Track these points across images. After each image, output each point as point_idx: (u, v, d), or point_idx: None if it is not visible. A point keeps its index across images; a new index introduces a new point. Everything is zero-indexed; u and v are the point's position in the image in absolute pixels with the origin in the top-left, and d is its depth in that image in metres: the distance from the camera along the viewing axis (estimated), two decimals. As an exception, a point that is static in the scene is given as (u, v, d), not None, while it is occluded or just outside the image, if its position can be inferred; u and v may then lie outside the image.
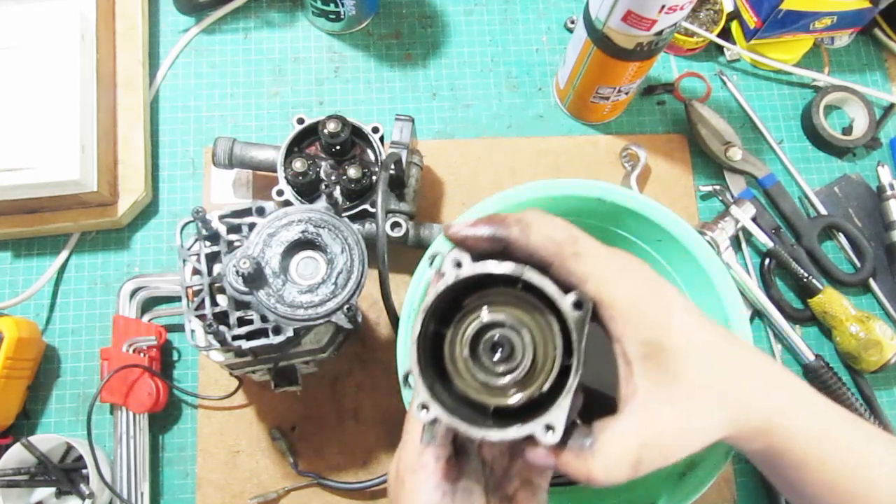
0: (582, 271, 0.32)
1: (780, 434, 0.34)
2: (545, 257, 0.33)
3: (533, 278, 0.32)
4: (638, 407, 0.33)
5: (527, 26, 0.77)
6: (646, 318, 0.32)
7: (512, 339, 0.33)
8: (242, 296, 0.47)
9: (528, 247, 0.33)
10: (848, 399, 0.66)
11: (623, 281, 0.33)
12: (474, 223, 0.34)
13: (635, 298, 0.32)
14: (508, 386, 0.33)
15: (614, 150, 0.73)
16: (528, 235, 0.33)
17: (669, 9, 0.55)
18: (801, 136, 0.76)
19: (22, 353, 0.60)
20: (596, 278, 0.32)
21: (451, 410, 0.32)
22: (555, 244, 0.33)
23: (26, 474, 0.59)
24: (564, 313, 0.31)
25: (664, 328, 0.32)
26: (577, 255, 0.32)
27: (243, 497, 0.62)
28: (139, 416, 0.61)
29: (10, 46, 0.62)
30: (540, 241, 0.33)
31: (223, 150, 0.64)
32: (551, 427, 0.31)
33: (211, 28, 0.75)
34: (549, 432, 0.31)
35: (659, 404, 0.32)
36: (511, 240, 0.33)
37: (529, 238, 0.33)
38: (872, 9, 0.73)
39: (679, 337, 0.33)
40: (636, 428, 0.32)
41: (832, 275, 0.70)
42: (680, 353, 0.32)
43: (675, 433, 0.33)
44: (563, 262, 0.32)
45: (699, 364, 0.33)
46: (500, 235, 0.33)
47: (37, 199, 0.62)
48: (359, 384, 0.65)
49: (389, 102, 0.74)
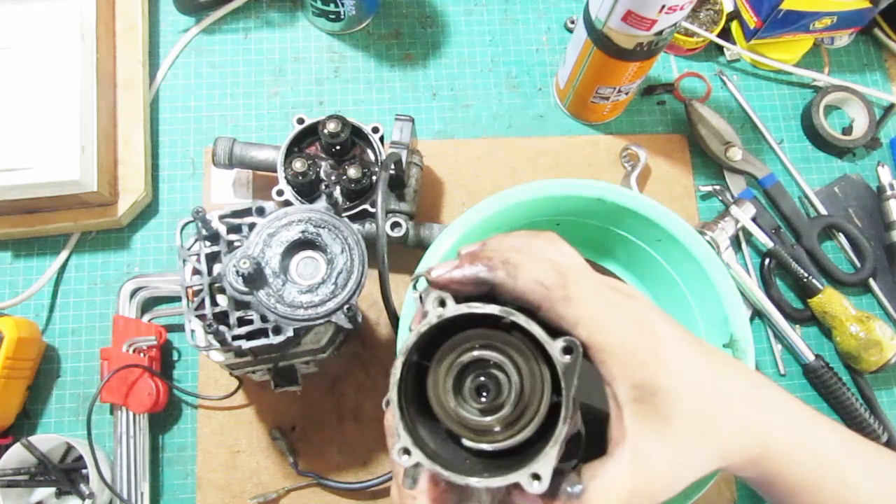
0: (572, 315, 0.31)
1: (772, 461, 0.34)
2: (533, 301, 0.32)
3: (520, 321, 0.31)
4: (627, 450, 0.32)
5: (527, 26, 0.77)
6: (636, 361, 0.32)
7: (499, 379, 0.32)
8: (242, 296, 0.47)
9: (515, 290, 0.32)
10: (848, 399, 0.66)
11: (613, 323, 0.32)
12: (458, 265, 0.32)
13: (625, 340, 0.32)
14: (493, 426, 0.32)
15: (614, 150, 0.73)
16: (516, 279, 0.32)
17: (669, 9, 0.55)
18: (801, 136, 0.76)
19: (22, 353, 0.60)
20: (586, 322, 0.31)
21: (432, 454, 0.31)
22: (543, 288, 0.31)
23: (26, 474, 0.59)
24: (554, 359, 0.30)
25: (655, 369, 0.32)
26: (566, 298, 0.31)
27: (243, 497, 0.62)
28: (139, 416, 0.61)
29: (10, 46, 0.62)
30: (528, 284, 0.31)
31: (223, 150, 0.64)
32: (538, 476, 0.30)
33: (211, 28, 0.75)
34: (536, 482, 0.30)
35: (649, 446, 0.32)
36: (497, 283, 0.32)
37: (517, 282, 0.32)
38: (872, 9, 0.73)
39: (670, 377, 0.32)
40: (625, 474, 0.32)
41: (832, 275, 0.70)
42: (671, 393, 0.32)
43: (665, 476, 0.32)
44: (552, 305, 0.31)
45: (690, 403, 0.32)
46: (485, 278, 0.32)
47: (37, 199, 0.62)
48: (359, 384, 0.65)
49: (389, 102, 0.74)
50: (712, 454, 0.33)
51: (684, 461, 0.33)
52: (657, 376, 0.32)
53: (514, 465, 0.31)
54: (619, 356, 0.32)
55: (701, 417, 0.33)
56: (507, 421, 0.32)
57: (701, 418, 0.33)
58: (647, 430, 0.32)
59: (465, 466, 0.31)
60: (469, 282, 0.32)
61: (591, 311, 0.32)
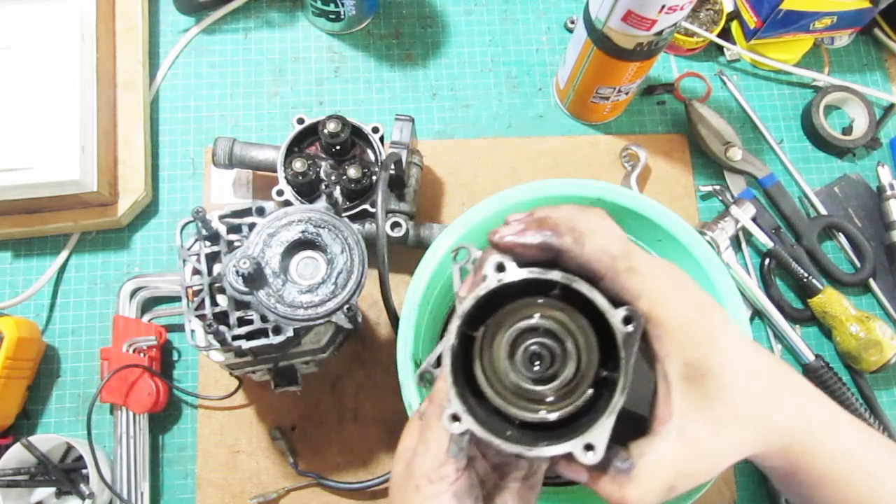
0: (636, 287, 0.31)
1: (802, 452, 0.34)
2: (598, 269, 0.31)
3: (583, 289, 0.31)
4: (675, 429, 0.32)
5: (527, 26, 0.77)
6: (692, 340, 0.32)
7: (553, 349, 0.31)
8: (242, 296, 0.47)
9: (581, 257, 0.31)
10: (848, 399, 0.66)
11: (675, 299, 0.32)
12: (523, 229, 0.32)
13: (684, 318, 0.32)
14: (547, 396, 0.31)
15: (614, 150, 0.73)
16: (583, 246, 0.31)
17: (669, 9, 0.55)
18: (801, 136, 0.76)
19: (22, 353, 0.60)
20: (648, 295, 0.31)
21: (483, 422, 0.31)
22: (609, 257, 0.31)
23: (26, 474, 0.59)
24: (614, 329, 0.30)
25: (709, 350, 0.32)
26: (630, 269, 0.31)
27: (243, 497, 0.62)
28: (139, 416, 0.61)
29: (10, 46, 0.62)
30: (595, 253, 0.31)
31: (223, 150, 0.64)
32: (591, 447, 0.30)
33: (211, 28, 0.75)
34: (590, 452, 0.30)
35: (695, 427, 0.32)
36: (563, 249, 0.31)
37: (584, 249, 0.31)
38: (872, 9, 0.73)
39: (722, 359, 0.32)
40: (673, 454, 0.32)
41: (832, 275, 0.70)
42: (720, 376, 0.32)
43: (707, 458, 0.32)
44: (617, 276, 0.31)
45: (737, 388, 0.33)
46: (552, 244, 0.31)
47: (37, 199, 0.62)
48: (359, 384, 0.65)
49: (389, 102, 0.74)
50: (750, 441, 0.33)
51: (725, 445, 0.33)
52: (709, 357, 0.32)
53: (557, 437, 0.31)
54: (676, 333, 0.32)
55: (746, 403, 0.33)
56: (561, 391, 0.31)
57: (744, 405, 0.33)
58: (694, 411, 0.32)
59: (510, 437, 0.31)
60: (535, 246, 0.32)
61: (655, 284, 0.32)
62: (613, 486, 0.32)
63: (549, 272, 0.31)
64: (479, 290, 0.31)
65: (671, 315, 0.32)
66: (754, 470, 0.66)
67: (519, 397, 0.32)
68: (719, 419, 0.32)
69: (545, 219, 0.32)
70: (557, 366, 0.31)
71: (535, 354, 0.32)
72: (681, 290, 0.32)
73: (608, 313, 0.30)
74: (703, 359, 0.32)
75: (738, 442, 0.33)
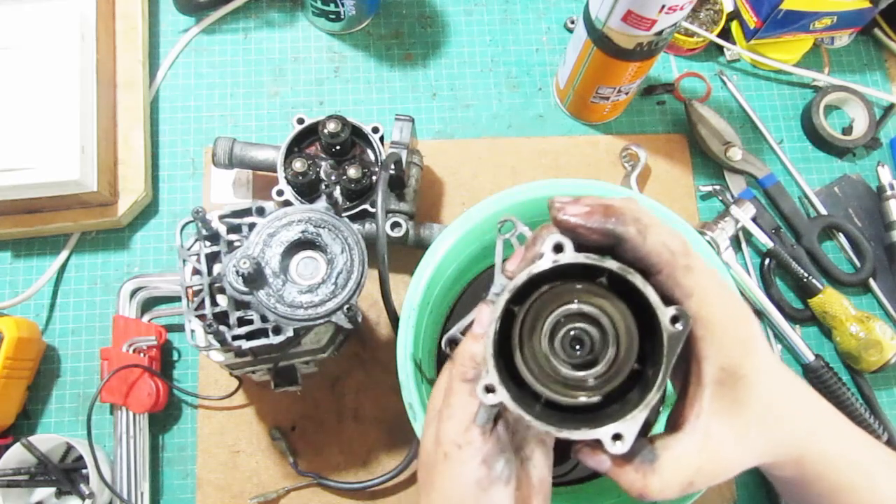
0: (690, 285, 0.32)
1: (815, 463, 0.35)
2: (656, 264, 0.32)
3: (637, 282, 0.31)
4: (701, 429, 0.33)
5: (527, 26, 0.77)
6: (733, 345, 0.32)
7: (594, 336, 0.32)
8: (242, 296, 0.47)
9: (642, 249, 0.32)
10: (848, 399, 0.66)
11: (723, 303, 0.32)
12: (589, 212, 0.32)
13: (729, 323, 0.32)
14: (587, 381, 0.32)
15: (614, 150, 0.73)
16: (645, 238, 0.31)
17: (669, 9, 0.55)
18: (801, 136, 0.76)
19: (22, 353, 0.60)
20: (701, 295, 0.32)
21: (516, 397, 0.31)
22: (669, 252, 0.32)
23: (26, 474, 0.59)
24: (662, 326, 0.30)
25: (744, 357, 0.33)
26: (688, 267, 0.32)
27: (243, 497, 0.62)
28: (139, 416, 0.61)
29: (9, 46, 0.62)
30: (656, 246, 0.31)
31: (223, 150, 0.64)
32: (620, 437, 0.30)
33: (211, 28, 0.75)
34: (618, 442, 0.30)
35: (721, 429, 0.33)
36: (626, 238, 0.32)
37: (646, 241, 0.31)
38: (872, 9, 0.73)
39: (756, 368, 0.33)
40: (697, 451, 0.33)
41: (832, 275, 0.70)
42: (753, 384, 0.33)
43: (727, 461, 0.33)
44: (674, 271, 0.32)
45: (764, 398, 0.33)
46: (616, 232, 0.32)
47: (37, 199, 0.62)
48: (359, 384, 0.65)
49: (389, 102, 0.74)
50: (767, 448, 0.34)
51: (745, 450, 0.33)
52: (744, 364, 0.33)
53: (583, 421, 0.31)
54: (719, 336, 0.32)
55: (768, 413, 0.33)
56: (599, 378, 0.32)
57: (768, 414, 0.33)
58: (721, 414, 0.33)
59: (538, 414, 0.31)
60: (599, 231, 0.32)
61: (707, 284, 0.32)
62: (636, 476, 0.32)
63: (606, 261, 0.31)
64: (533, 268, 0.31)
65: (718, 318, 0.32)
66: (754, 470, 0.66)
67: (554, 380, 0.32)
68: (744, 424, 0.33)
69: (611, 206, 0.32)
70: (597, 352, 0.32)
71: (575, 339, 0.32)
72: (728, 295, 0.33)
73: (659, 310, 0.31)
74: (741, 365, 0.32)
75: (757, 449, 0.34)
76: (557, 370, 0.32)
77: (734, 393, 0.33)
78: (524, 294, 0.33)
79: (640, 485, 0.32)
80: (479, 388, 0.31)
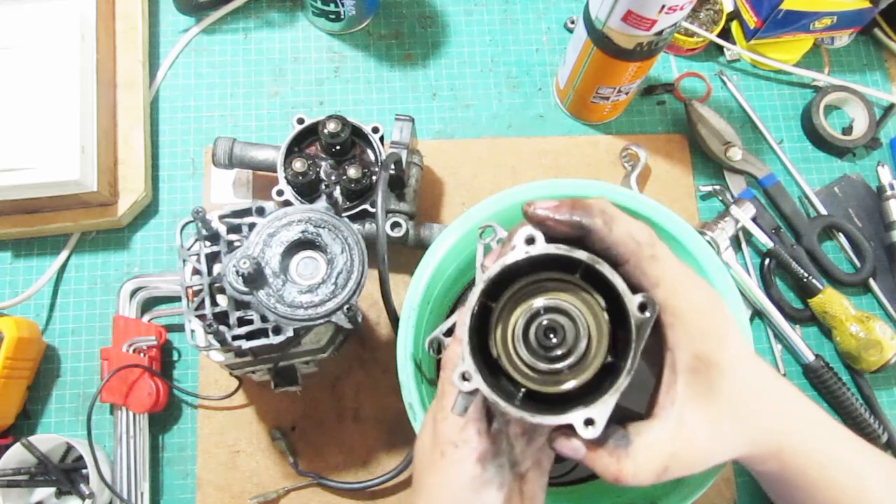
0: (655, 274, 0.32)
1: (796, 457, 0.35)
2: (622, 253, 0.33)
3: (605, 271, 0.32)
4: (674, 416, 0.33)
5: (527, 26, 0.77)
6: (704, 333, 0.33)
7: (567, 327, 0.32)
8: (242, 296, 0.47)
9: (608, 239, 0.33)
10: (848, 399, 0.66)
11: (691, 292, 0.33)
12: (557, 206, 0.33)
13: (699, 311, 0.33)
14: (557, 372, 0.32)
15: (614, 150, 0.73)
16: (611, 228, 0.32)
17: (669, 9, 0.55)
18: (801, 136, 0.76)
19: (22, 353, 0.60)
20: (667, 284, 0.32)
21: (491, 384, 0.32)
22: (635, 243, 0.32)
23: (26, 474, 0.59)
24: (630, 313, 0.31)
25: (718, 346, 0.33)
26: (653, 257, 0.32)
27: (243, 497, 0.62)
28: (139, 416, 0.61)
29: (9, 46, 0.62)
30: (622, 237, 0.32)
31: (223, 150, 0.64)
32: (591, 422, 0.31)
33: (211, 28, 0.75)
34: (589, 427, 0.31)
35: (694, 417, 0.33)
36: (593, 230, 0.33)
37: (612, 231, 0.32)
38: (872, 9, 0.73)
39: (729, 357, 0.33)
40: (670, 437, 0.33)
41: (832, 275, 0.70)
42: (725, 372, 0.33)
43: (702, 449, 0.33)
44: (639, 261, 0.32)
45: (738, 386, 0.33)
46: (583, 223, 0.33)
47: (37, 199, 0.62)
48: (359, 384, 0.65)
49: (389, 102, 0.74)
50: (744, 439, 0.34)
51: (721, 440, 0.34)
52: (718, 352, 0.33)
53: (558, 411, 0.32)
54: (690, 324, 0.33)
55: (744, 403, 0.34)
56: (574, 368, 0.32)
57: (743, 403, 0.34)
58: (695, 402, 0.33)
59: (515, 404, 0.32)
60: (566, 223, 0.33)
61: (675, 274, 0.33)
62: (610, 461, 0.33)
63: (575, 251, 0.32)
64: (506, 259, 0.33)
65: (687, 306, 0.33)
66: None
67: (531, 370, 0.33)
68: (717, 413, 0.33)
69: (578, 200, 0.34)
70: (570, 343, 0.32)
71: (549, 328, 0.33)
72: (696, 285, 0.34)
73: (626, 297, 0.31)
74: (713, 353, 0.33)
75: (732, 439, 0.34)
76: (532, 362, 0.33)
77: (708, 381, 0.33)
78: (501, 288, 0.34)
79: (614, 469, 0.32)
80: (456, 375, 0.32)
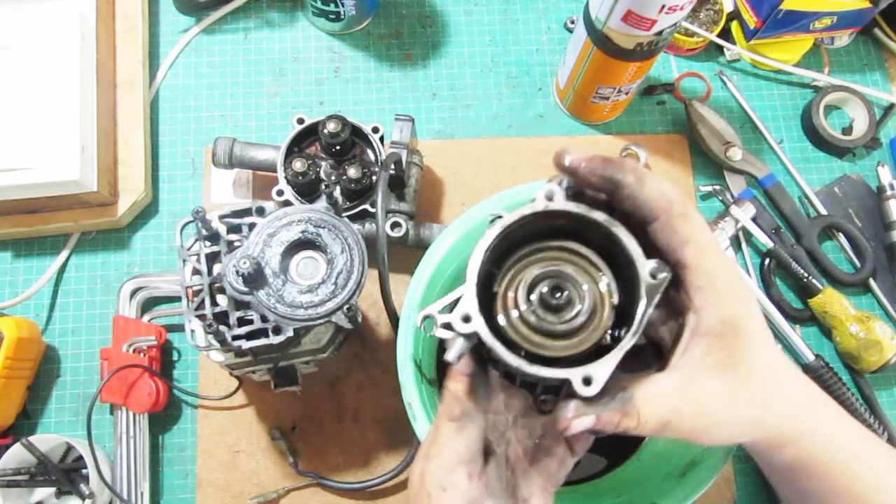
0: (685, 232, 0.32)
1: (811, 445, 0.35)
2: (654, 209, 0.32)
3: (621, 234, 0.31)
4: (683, 374, 0.32)
5: (527, 26, 0.77)
6: (735, 297, 0.32)
7: (571, 290, 0.32)
8: (242, 296, 0.47)
9: (640, 196, 0.32)
10: (848, 399, 0.66)
11: (720, 256, 0.32)
12: (590, 158, 0.33)
13: (727, 276, 0.32)
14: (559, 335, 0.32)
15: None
16: (643, 185, 0.32)
17: (669, 9, 0.55)
18: (801, 136, 0.76)
19: (22, 353, 0.60)
20: (698, 243, 0.32)
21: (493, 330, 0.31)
22: (667, 200, 0.32)
23: (26, 474, 0.59)
24: (641, 278, 0.31)
25: (745, 313, 0.32)
26: (685, 216, 0.32)
27: (243, 497, 0.62)
28: (139, 416, 0.61)
29: (9, 46, 0.62)
30: (653, 194, 0.32)
31: (223, 150, 0.64)
32: (590, 380, 0.30)
33: (211, 28, 0.75)
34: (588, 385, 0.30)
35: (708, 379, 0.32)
36: (624, 184, 0.32)
37: (644, 188, 0.32)
38: (872, 9, 0.73)
39: (756, 326, 0.33)
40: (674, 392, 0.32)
41: (832, 275, 0.70)
42: (752, 343, 0.32)
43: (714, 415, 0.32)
44: (671, 218, 0.32)
45: (762, 361, 0.33)
46: (615, 177, 0.32)
47: (37, 199, 0.62)
48: (359, 384, 0.65)
49: (389, 102, 0.74)
50: (756, 420, 0.33)
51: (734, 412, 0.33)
52: (745, 319, 0.32)
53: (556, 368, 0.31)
54: (718, 287, 0.32)
55: (764, 379, 0.33)
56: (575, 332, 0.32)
57: (764, 380, 0.33)
58: (715, 368, 0.32)
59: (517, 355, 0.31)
60: (598, 175, 0.33)
61: (705, 235, 0.32)
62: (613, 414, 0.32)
63: (593, 211, 0.32)
64: (524, 209, 0.32)
65: (715, 268, 0.32)
66: (754, 470, 0.66)
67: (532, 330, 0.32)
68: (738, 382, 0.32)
69: (611, 158, 0.33)
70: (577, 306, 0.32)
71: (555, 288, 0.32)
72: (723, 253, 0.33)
73: (639, 262, 0.31)
74: (741, 319, 0.32)
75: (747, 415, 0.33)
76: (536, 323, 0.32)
77: (731, 348, 0.32)
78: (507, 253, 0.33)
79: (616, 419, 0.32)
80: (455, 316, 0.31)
